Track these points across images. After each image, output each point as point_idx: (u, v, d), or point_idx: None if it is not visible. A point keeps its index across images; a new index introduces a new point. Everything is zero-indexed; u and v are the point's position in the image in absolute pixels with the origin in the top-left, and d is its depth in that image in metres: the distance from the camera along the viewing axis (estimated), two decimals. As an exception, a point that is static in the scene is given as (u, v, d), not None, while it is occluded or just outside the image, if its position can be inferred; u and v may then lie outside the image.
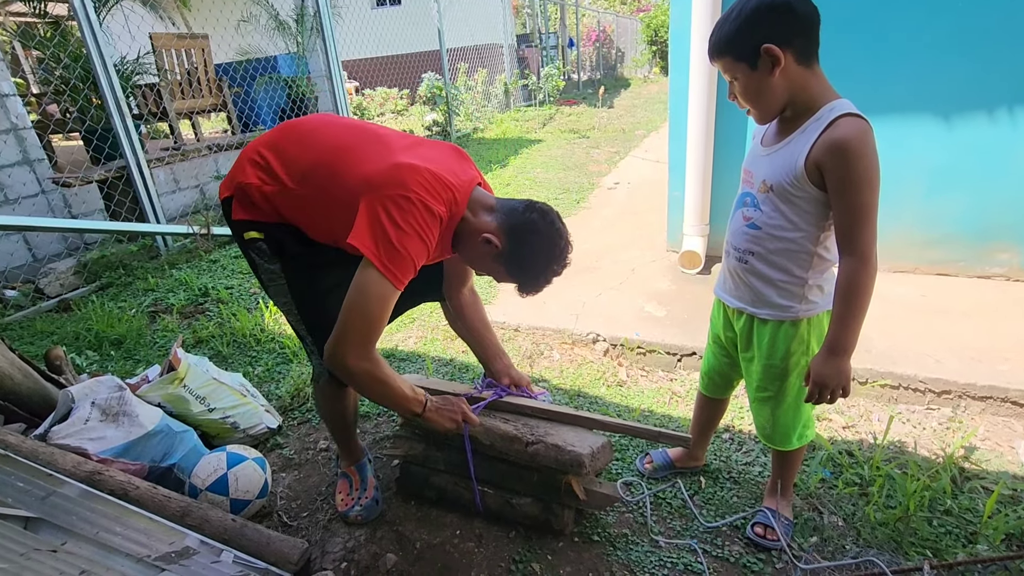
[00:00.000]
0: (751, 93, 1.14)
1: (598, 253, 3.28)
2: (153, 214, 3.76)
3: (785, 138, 1.17)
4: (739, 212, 1.29)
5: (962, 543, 1.44)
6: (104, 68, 3.41)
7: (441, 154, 1.30)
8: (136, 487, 1.33)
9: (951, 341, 2.10)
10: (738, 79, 1.14)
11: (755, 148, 1.29)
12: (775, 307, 1.25)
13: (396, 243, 1.12)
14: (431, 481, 1.62)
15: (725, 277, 1.38)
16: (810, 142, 1.09)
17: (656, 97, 10.67)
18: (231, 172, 1.33)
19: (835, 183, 1.07)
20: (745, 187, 1.29)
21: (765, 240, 1.22)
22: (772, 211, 1.19)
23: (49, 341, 2.70)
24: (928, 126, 2.44)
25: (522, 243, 1.25)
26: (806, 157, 1.10)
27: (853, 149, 1.04)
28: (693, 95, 2.70)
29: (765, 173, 1.20)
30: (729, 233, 1.33)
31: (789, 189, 1.15)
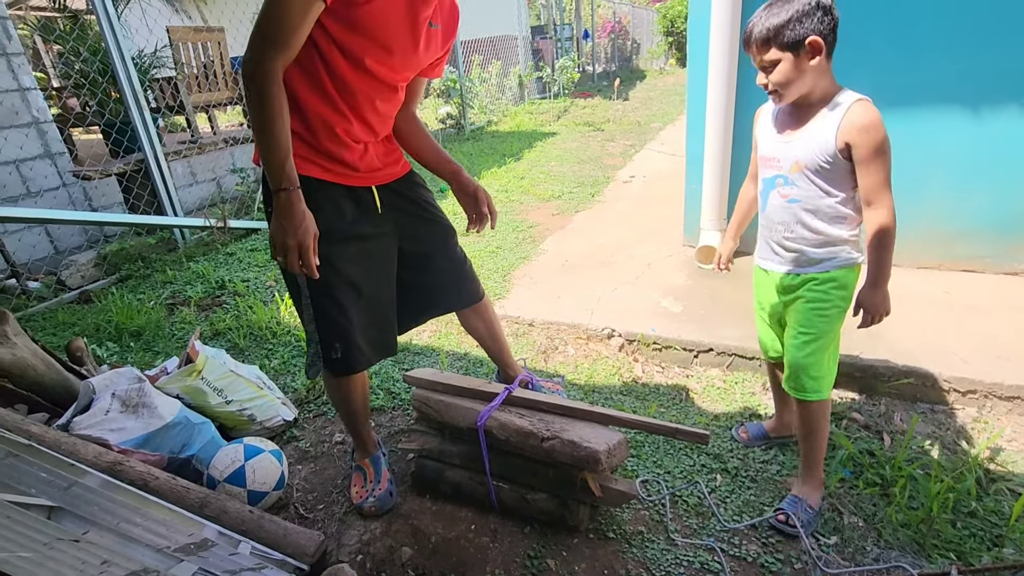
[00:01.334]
0: (788, 78, 1.31)
1: (613, 247, 3.25)
2: (171, 207, 3.80)
3: (804, 124, 1.38)
4: (773, 193, 1.49)
5: (987, 546, 1.40)
6: (122, 61, 3.44)
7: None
8: (156, 478, 1.34)
9: (977, 339, 2.05)
10: (778, 65, 1.31)
11: (769, 137, 1.48)
12: (819, 263, 1.46)
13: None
14: (446, 475, 1.62)
15: (767, 250, 1.56)
16: (836, 124, 1.32)
17: (672, 89, 10.54)
18: None
19: (863, 154, 1.30)
20: (772, 171, 1.48)
21: (807, 209, 1.43)
22: (808, 185, 1.41)
23: (71, 332, 2.74)
24: (954, 119, 2.37)
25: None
26: (835, 136, 1.32)
27: (875, 127, 1.29)
28: (712, 87, 2.65)
29: (795, 155, 1.40)
30: (767, 212, 1.52)
31: (823, 164, 1.36)
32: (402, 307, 1.59)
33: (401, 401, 2.11)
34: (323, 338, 1.43)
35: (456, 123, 7.61)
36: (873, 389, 1.99)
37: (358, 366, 1.48)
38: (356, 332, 1.44)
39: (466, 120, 7.62)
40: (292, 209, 1.19)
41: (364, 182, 1.42)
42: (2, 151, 3.52)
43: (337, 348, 1.43)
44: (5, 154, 3.55)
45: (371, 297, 1.46)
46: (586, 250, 3.27)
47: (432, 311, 1.70)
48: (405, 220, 1.53)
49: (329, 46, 1.22)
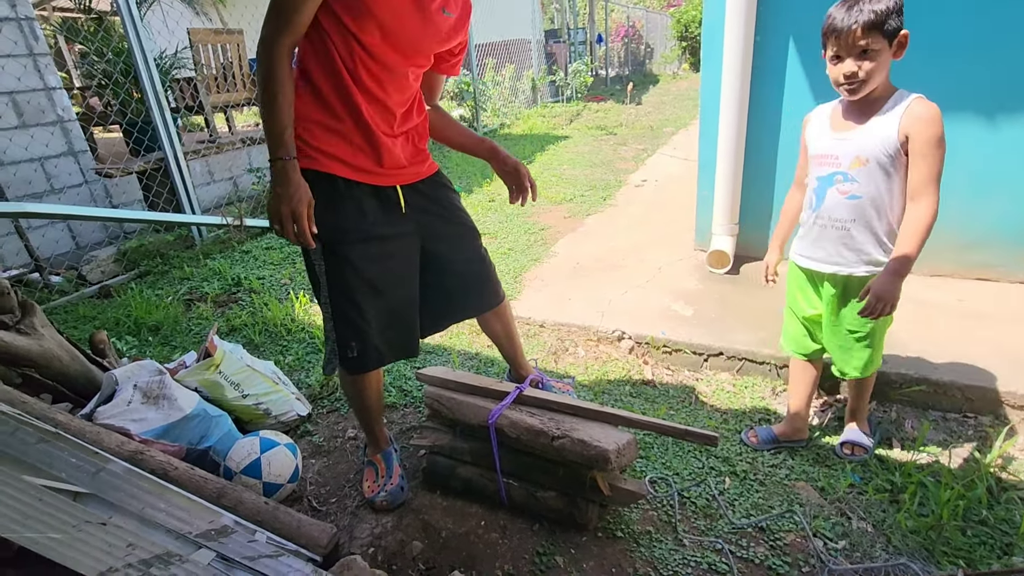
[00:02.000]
0: (877, 69, 1.34)
1: (624, 251, 3.26)
2: (189, 205, 3.87)
3: (865, 120, 1.43)
4: (831, 190, 1.51)
5: (997, 554, 1.40)
6: (145, 62, 3.51)
7: None
8: (175, 467, 1.38)
9: (989, 347, 2.04)
10: (874, 53, 1.33)
11: (824, 135, 1.52)
12: (875, 263, 1.49)
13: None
14: (457, 472, 1.64)
15: (814, 248, 1.58)
16: (898, 117, 1.37)
17: (685, 94, 10.53)
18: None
19: (919, 146, 1.35)
20: (830, 168, 1.50)
21: (867, 206, 1.46)
22: (869, 179, 1.44)
23: (91, 326, 2.81)
24: (969, 125, 2.36)
25: None
26: (898, 129, 1.37)
27: (935, 120, 1.33)
28: (726, 92, 2.66)
29: (856, 151, 1.44)
30: (822, 209, 1.54)
31: (884, 159, 1.40)
32: (424, 310, 1.60)
33: (413, 399, 2.14)
34: (339, 336, 1.45)
35: (469, 125, 7.65)
36: (884, 395, 1.98)
37: (372, 365, 1.50)
38: (373, 332, 1.46)
39: (479, 123, 7.67)
40: (287, 177, 1.23)
41: (389, 181, 1.43)
42: (28, 148, 3.61)
43: (353, 347, 1.45)
44: (31, 151, 3.64)
45: (391, 297, 1.48)
46: (597, 253, 3.29)
47: (454, 315, 1.72)
48: (428, 220, 1.53)
49: (339, 31, 1.26)
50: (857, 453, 1.74)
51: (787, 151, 2.76)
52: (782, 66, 2.63)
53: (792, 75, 2.62)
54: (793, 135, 2.72)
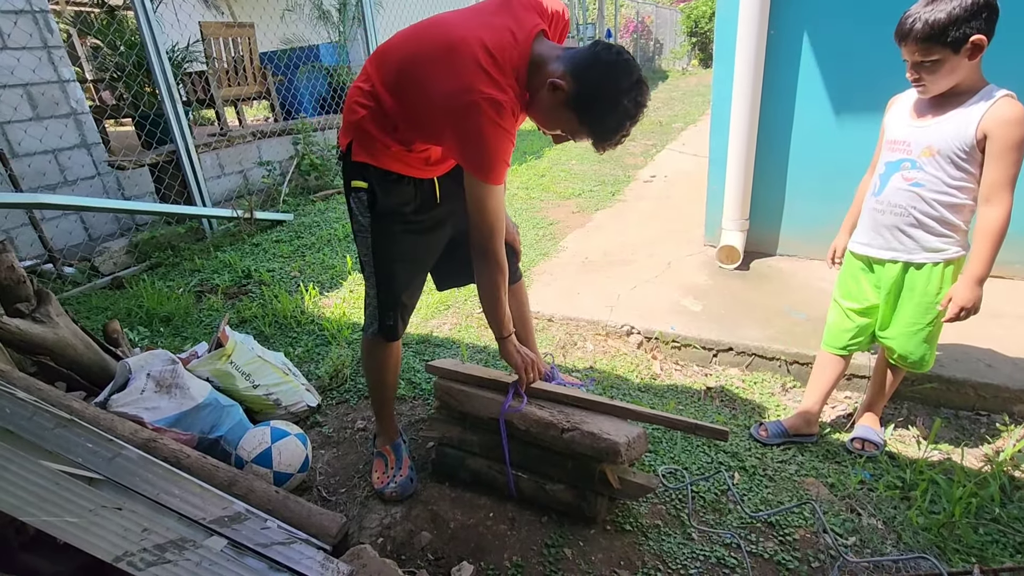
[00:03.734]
0: (944, 73, 1.34)
1: (634, 246, 3.25)
2: (200, 197, 3.89)
3: (945, 112, 1.41)
4: (896, 176, 1.51)
5: (1010, 552, 1.39)
6: (157, 55, 3.53)
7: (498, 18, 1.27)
8: (187, 455, 1.39)
9: (1004, 345, 2.01)
10: (937, 60, 1.32)
11: (903, 122, 1.51)
12: (933, 251, 1.49)
13: (481, 152, 1.23)
14: (466, 464, 1.65)
15: (872, 234, 1.58)
16: (979, 115, 1.34)
17: (695, 90, 10.45)
18: (344, 119, 1.41)
19: (997, 147, 1.33)
20: (899, 155, 1.50)
21: (929, 195, 1.45)
22: (936, 171, 1.43)
23: (104, 316, 2.84)
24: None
25: (587, 79, 1.20)
26: (977, 127, 1.34)
27: (1017, 123, 1.30)
28: (738, 87, 2.64)
29: (929, 140, 1.43)
30: (884, 194, 1.54)
31: (957, 152, 1.39)
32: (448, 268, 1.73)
33: (422, 391, 2.14)
34: (381, 304, 1.54)
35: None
36: (896, 393, 1.96)
37: (402, 331, 1.62)
38: (405, 302, 1.58)
39: (488, 118, 7.63)
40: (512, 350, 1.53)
41: (430, 174, 1.52)
42: (43, 140, 3.64)
43: (391, 315, 1.55)
44: (45, 143, 3.66)
45: (419, 274, 1.61)
46: (606, 248, 3.28)
47: (466, 278, 1.78)
48: (458, 205, 1.55)
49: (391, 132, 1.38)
50: (868, 449, 1.74)
51: (800, 146, 2.74)
52: (796, 60, 2.60)
53: (806, 69, 2.60)
54: (806, 131, 2.69)
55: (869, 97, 1.65)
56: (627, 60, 1.22)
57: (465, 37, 1.22)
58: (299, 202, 4.64)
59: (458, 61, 1.20)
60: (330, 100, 5.79)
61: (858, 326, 1.67)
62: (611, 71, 1.20)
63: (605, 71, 1.20)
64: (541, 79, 1.25)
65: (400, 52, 1.33)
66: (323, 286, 3.11)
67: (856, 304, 1.67)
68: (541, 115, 1.34)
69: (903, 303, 1.57)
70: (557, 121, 1.31)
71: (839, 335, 1.72)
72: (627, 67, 1.21)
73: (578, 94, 1.21)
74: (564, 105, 1.24)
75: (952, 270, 1.50)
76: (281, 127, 5.12)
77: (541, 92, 1.26)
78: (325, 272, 3.30)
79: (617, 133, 1.25)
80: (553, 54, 1.26)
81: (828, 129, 2.63)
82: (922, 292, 1.53)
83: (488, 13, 1.30)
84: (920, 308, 1.54)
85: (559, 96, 1.23)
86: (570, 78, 1.21)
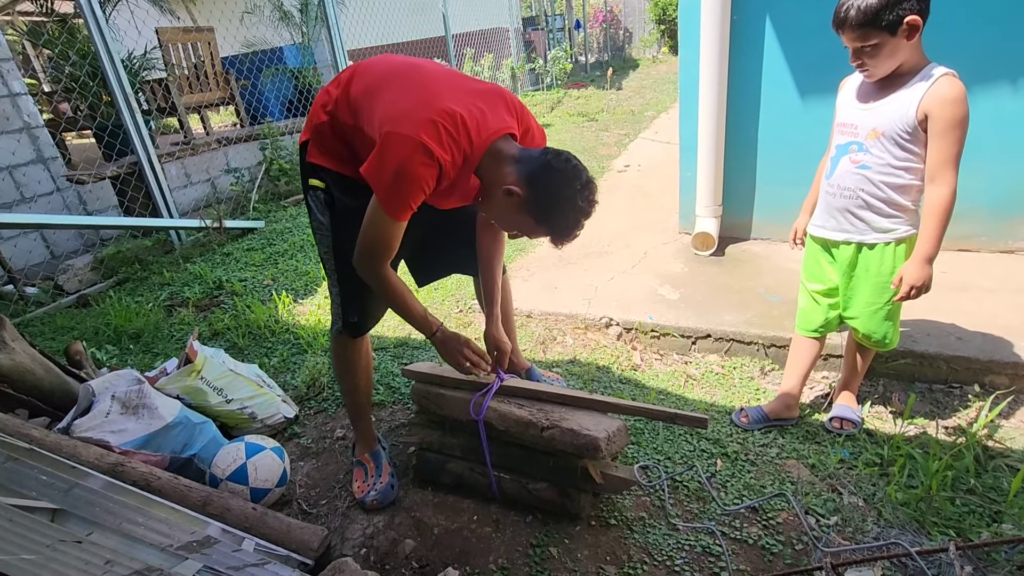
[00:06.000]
0: (884, 55, 1.35)
1: (609, 237, 3.25)
2: (166, 209, 3.79)
3: (888, 93, 1.42)
4: (845, 158, 1.53)
5: (986, 522, 1.41)
6: (112, 64, 3.42)
7: (480, 98, 1.31)
8: (158, 477, 1.35)
9: (974, 318, 2.05)
10: (875, 44, 1.34)
11: (851, 104, 1.52)
12: (883, 231, 1.51)
13: (392, 183, 1.21)
14: (447, 467, 1.63)
15: (826, 217, 1.61)
16: (920, 95, 1.35)
17: (665, 77, 10.49)
18: (309, 118, 1.43)
19: (938, 127, 1.34)
20: (847, 138, 1.52)
21: (876, 177, 1.47)
22: (882, 152, 1.45)
23: (70, 336, 2.74)
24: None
25: (540, 185, 1.25)
26: (917, 107, 1.35)
27: (956, 101, 1.31)
28: (704, 73, 2.64)
29: (874, 123, 1.44)
30: (834, 177, 1.57)
31: (900, 133, 1.40)
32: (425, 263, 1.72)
33: (401, 395, 2.11)
34: (344, 301, 1.54)
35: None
36: (871, 370, 1.99)
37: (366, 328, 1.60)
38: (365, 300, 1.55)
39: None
40: (445, 343, 1.48)
41: None
42: (-6, 157, 3.52)
43: (354, 311, 1.54)
44: (-3, 160, 3.54)
45: None
46: (582, 240, 3.23)
47: (452, 269, 1.82)
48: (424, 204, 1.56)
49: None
50: (846, 428, 1.76)
51: (768, 130, 2.75)
52: (760, 44, 2.61)
53: (770, 53, 2.61)
54: (774, 114, 2.71)
55: (832, 78, 1.66)
56: (575, 166, 1.28)
57: (440, 95, 1.26)
58: (270, 208, 4.55)
59: (422, 108, 1.23)
60: (297, 103, 5.69)
61: (826, 307, 1.69)
62: (562, 177, 1.26)
63: (557, 178, 1.25)
64: (496, 174, 1.30)
65: (377, 73, 1.36)
66: (297, 293, 3.06)
67: (820, 286, 1.68)
68: (497, 216, 1.40)
69: (860, 284, 1.59)
70: (513, 223, 1.36)
71: (810, 318, 1.74)
72: (576, 172, 1.27)
73: (533, 200, 1.27)
74: (519, 209, 1.29)
75: (904, 248, 1.52)
76: (248, 132, 5.02)
77: (496, 193, 1.30)
78: (299, 279, 3.24)
79: (573, 230, 1.31)
80: (511, 154, 1.30)
81: (794, 112, 2.65)
82: (876, 272, 1.55)
83: (476, 90, 1.34)
84: (876, 288, 1.56)
85: (514, 201, 1.28)
86: (524, 185, 1.26)
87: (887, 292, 1.55)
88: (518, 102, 1.43)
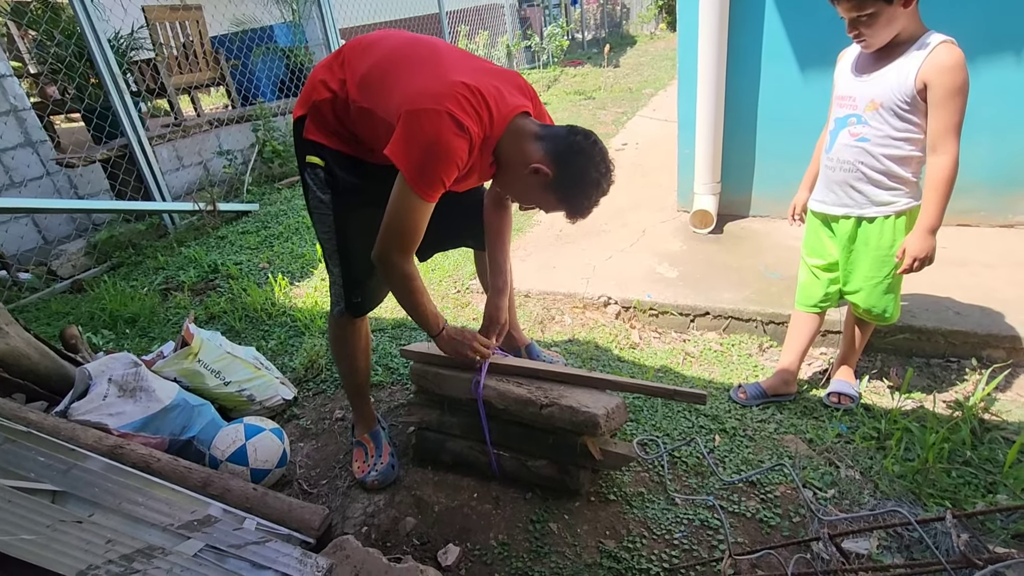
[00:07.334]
0: (881, 24, 1.32)
1: (607, 215, 3.22)
2: (158, 192, 3.75)
3: (886, 64, 1.39)
4: (844, 131, 1.51)
5: (981, 493, 1.43)
6: (98, 44, 3.34)
7: (494, 77, 1.30)
8: (158, 459, 1.34)
9: (972, 292, 2.05)
10: (872, 13, 1.31)
11: (848, 77, 1.50)
12: (883, 204, 1.49)
13: (424, 160, 1.17)
14: (447, 446, 1.63)
15: (826, 191, 1.59)
16: (918, 64, 1.33)
17: (663, 54, 10.34)
18: (304, 91, 1.38)
19: (938, 95, 1.32)
20: (846, 110, 1.50)
21: (875, 149, 1.45)
22: (881, 124, 1.43)
23: (65, 321, 2.73)
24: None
25: (570, 167, 1.25)
26: (916, 76, 1.33)
27: (955, 68, 1.29)
28: (703, 49, 2.59)
29: (872, 94, 1.42)
30: (833, 151, 1.55)
31: (899, 104, 1.38)
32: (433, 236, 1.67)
33: (400, 376, 2.11)
34: (346, 282, 1.50)
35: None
36: (869, 345, 1.99)
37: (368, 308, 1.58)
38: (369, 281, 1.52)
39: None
40: (450, 340, 1.48)
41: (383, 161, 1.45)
42: (-19, 141, 3.46)
43: (357, 292, 1.51)
44: (-16, 144, 3.48)
45: None
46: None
47: (454, 242, 1.81)
48: None
49: None
50: (844, 403, 1.76)
51: (768, 105, 2.71)
52: (760, 19, 2.56)
53: (770, 27, 2.56)
54: (773, 89, 2.67)
55: (832, 52, 1.63)
56: (600, 147, 1.29)
57: (457, 71, 1.24)
58: (264, 191, 4.50)
59: (441, 82, 1.20)
60: (289, 83, 5.59)
61: (826, 282, 1.68)
62: (589, 159, 1.26)
63: (585, 160, 1.26)
64: (518, 152, 1.28)
65: (384, 50, 1.32)
66: (293, 276, 3.04)
67: (820, 260, 1.67)
68: (517, 192, 1.40)
69: (860, 258, 1.58)
70: (535, 200, 1.36)
71: (810, 293, 1.73)
72: (602, 153, 1.28)
73: (560, 181, 1.27)
74: (545, 187, 1.29)
75: (904, 221, 1.51)
76: (240, 114, 4.94)
77: (520, 171, 1.28)
78: (295, 261, 3.21)
79: (590, 209, 1.32)
80: (532, 131, 1.29)
81: (794, 86, 2.61)
82: (876, 246, 1.54)
83: (490, 70, 1.33)
84: (877, 261, 1.55)
85: (541, 179, 1.27)
86: (552, 165, 1.25)
87: (887, 265, 1.54)
88: (530, 86, 1.41)
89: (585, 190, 1.28)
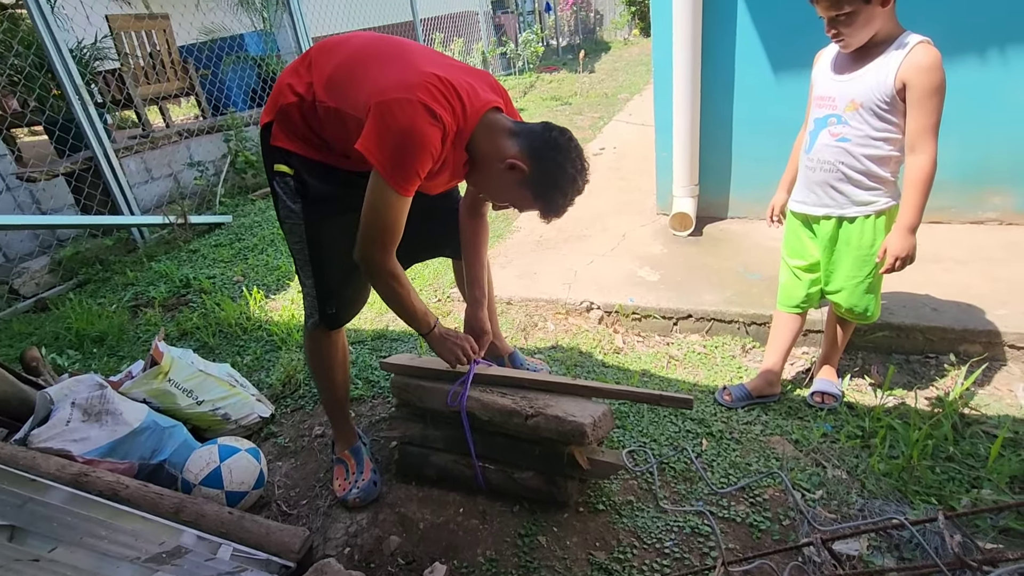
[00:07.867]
0: (860, 24, 1.33)
1: (587, 220, 3.21)
2: (126, 205, 3.63)
3: (865, 63, 1.40)
4: (823, 132, 1.51)
5: (966, 488, 1.44)
6: (59, 55, 3.24)
7: (465, 74, 1.27)
8: (126, 486, 1.28)
9: (948, 289, 2.08)
10: (850, 13, 1.31)
11: (827, 77, 1.51)
12: (863, 204, 1.50)
13: (398, 152, 1.14)
14: (431, 460, 1.59)
15: (806, 192, 1.60)
16: (897, 64, 1.34)
17: (637, 59, 10.45)
18: (272, 97, 1.34)
19: (916, 95, 1.33)
20: (825, 111, 1.50)
21: (855, 149, 1.46)
22: (861, 124, 1.43)
23: (28, 342, 2.61)
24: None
25: (546, 162, 1.23)
26: (895, 76, 1.34)
27: (933, 68, 1.31)
28: (678, 52, 2.61)
29: (852, 94, 1.43)
30: (813, 151, 1.55)
31: (879, 104, 1.39)
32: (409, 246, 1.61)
33: (381, 389, 2.06)
34: (320, 293, 1.45)
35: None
36: (850, 343, 2.00)
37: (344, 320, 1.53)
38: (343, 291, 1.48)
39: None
40: (442, 339, 1.45)
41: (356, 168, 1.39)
42: (-64, 156, 3.31)
43: (332, 303, 1.46)
44: (-61, 159, 3.33)
45: None
46: (560, 225, 3.23)
47: (431, 252, 1.77)
48: None
49: None
50: (827, 402, 1.77)
51: (743, 107, 2.74)
52: (732, 20, 2.58)
53: (743, 28, 2.58)
54: (748, 91, 2.69)
55: (806, 52, 1.64)
56: (576, 144, 1.28)
57: (428, 64, 1.21)
58: (237, 202, 4.41)
59: (412, 73, 1.18)
60: (261, 92, 5.50)
61: (807, 283, 1.68)
62: (566, 155, 1.24)
63: (562, 156, 1.24)
64: (491, 147, 1.26)
65: (351, 48, 1.28)
66: (269, 289, 2.96)
67: (801, 261, 1.68)
68: (491, 189, 1.38)
69: (841, 257, 1.58)
70: (509, 197, 1.33)
71: (791, 294, 1.73)
72: (578, 150, 1.27)
73: (536, 176, 1.24)
74: (521, 183, 1.26)
75: (884, 220, 1.51)
76: (210, 124, 4.83)
77: (495, 167, 1.26)
78: (270, 274, 3.14)
79: (566, 207, 1.30)
80: (506, 127, 1.27)
81: (769, 87, 2.64)
82: (857, 245, 1.54)
83: (460, 66, 1.31)
84: (858, 261, 1.56)
85: (516, 175, 1.25)
86: (528, 160, 1.23)
87: (868, 265, 1.54)
88: (502, 87, 1.39)
89: (562, 187, 1.25)
